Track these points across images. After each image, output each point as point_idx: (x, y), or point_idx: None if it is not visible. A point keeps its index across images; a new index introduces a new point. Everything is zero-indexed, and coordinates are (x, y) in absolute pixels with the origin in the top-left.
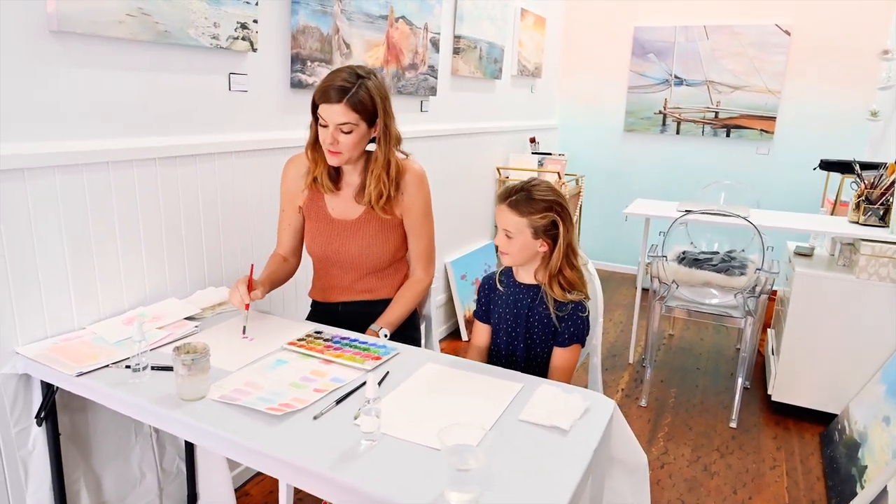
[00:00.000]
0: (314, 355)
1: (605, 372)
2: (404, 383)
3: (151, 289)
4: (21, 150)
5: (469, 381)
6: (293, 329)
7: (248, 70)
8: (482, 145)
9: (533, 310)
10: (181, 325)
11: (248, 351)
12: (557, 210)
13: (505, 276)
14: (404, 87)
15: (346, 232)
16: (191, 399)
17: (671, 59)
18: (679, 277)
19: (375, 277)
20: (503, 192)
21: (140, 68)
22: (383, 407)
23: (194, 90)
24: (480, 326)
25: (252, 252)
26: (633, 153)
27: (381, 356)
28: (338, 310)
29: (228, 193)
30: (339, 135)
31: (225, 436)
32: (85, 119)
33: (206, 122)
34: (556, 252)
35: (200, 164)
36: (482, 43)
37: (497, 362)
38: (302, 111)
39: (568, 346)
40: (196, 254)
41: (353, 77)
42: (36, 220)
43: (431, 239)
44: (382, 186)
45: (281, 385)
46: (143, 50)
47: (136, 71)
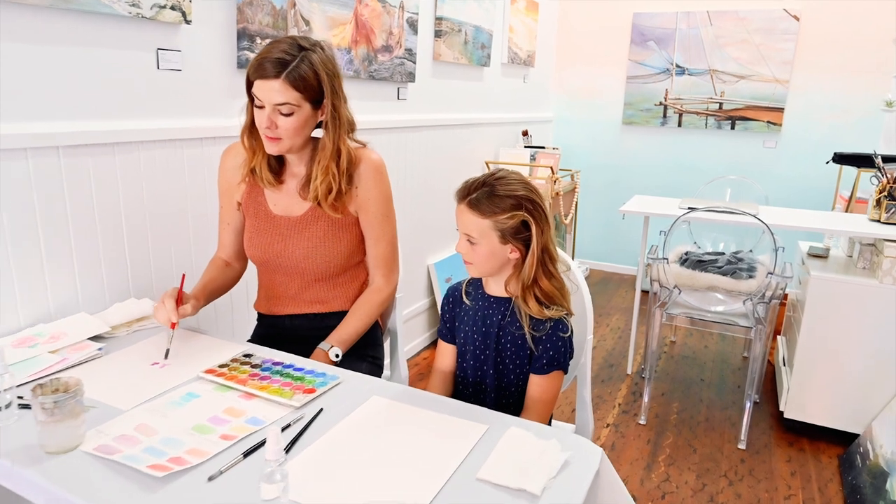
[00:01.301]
0: (234, 387)
1: (601, 384)
2: (339, 424)
3: (58, 302)
4: None
5: (421, 420)
6: (223, 351)
7: (181, 46)
8: (469, 138)
9: (504, 328)
10: (81, 347)
11: (155, 382)
12: (528, 207)
13: (472, 286)
14: (377, 72)
15: (288, 232)
16: (56, 451)
17: (672, 46)
18: (681, 281)
19: (326, 286)
20: (462, 188)
21: (37, 40)
22: (305, 459)
23: (111, 68)
24: (444, 347)
25: (190, 257)
26: (632, 147)
27: (317, 388)
28: (285, 324)
29: (159, 189)
30: (277, 117)
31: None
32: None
33: (127, 105)
34: (528, 259)
35: (120, 154)
36: (467, 26)
37: (464, 391)
38: None
39: (546, 372)
40: (116, 260)
41: (294, 49)
42: None
43: (392, 241)
44: (332, 179)
45: (181, 430)
46: (42, 17)
47: (30, 43)
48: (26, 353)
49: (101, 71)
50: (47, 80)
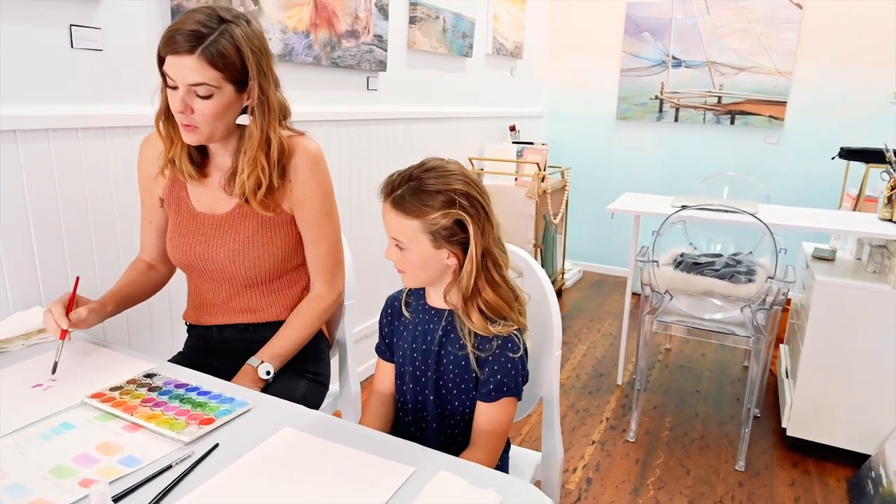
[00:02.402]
0: (120, 415)
1: (588, 396)
2: (233, 465)
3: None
4: None
5: (335, 458)
6: (125, 368)
7: (100, 23)
8: (451, 133)
9: (445, 346)
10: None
11: (29, 409)
12: (463, 204)
13: (414, 296)
14: (341, 59)
15: (212, 232)
16: None
17: (668, 37)
18: (674, 285)
19: (258, 293)
20: (385, 183)
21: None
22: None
23: (13, 44)
24: (382, 366)
25: (116, 258)
26: (626, 143)
27: (217, 417)
28: (213, 336)
29: (77, 182)
30: (193, 100)
31: None
32: None
33: (33, 88)
34: (465, 266)
35: (24, 142)
36: (446, 13)
37: (404, 418)
38: None
39: (493, 399)
40: (21, 262)
41: (212, 20)
42: None
43: (335, 242)
44: (260, 172)
45: (35, 473)
46: None
47: None
48: None
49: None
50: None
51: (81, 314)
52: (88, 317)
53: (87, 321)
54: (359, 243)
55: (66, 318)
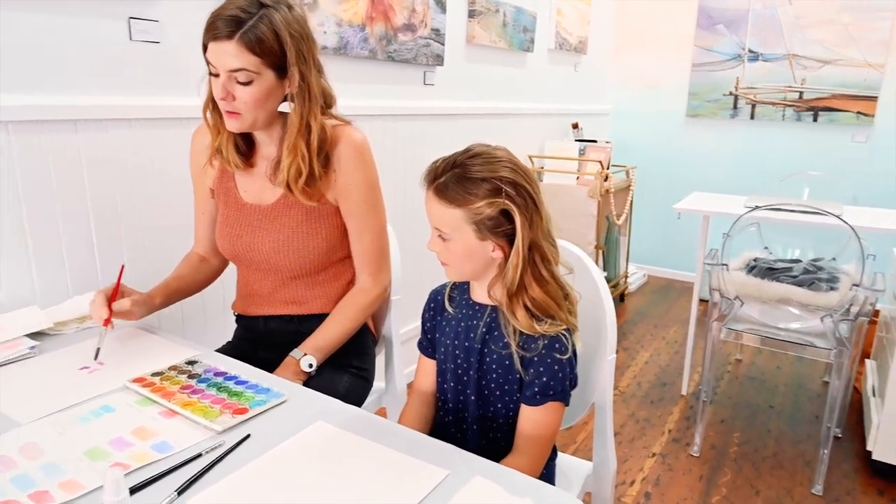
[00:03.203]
0: (158, 401)
1: (650, 405)
2: (262, 456)
3: (10, 292)
4: None
5: (368, 456)
6: (169, 354)
7: (158, 15)
8: (510, 129)
9: (488, 344)
10: (14, 345)
11: (74, 391)
12: (509, 193)
13: (458, 290)
14: (397, 53)
15: (258, 222)
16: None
17: (745, 30)
18: (746, 291)
19: (304, 285)
20: (428, 170)
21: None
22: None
23: (73, 37)
24: (424, 363)
25: (170, 247)
26: (696, 141)
27: (251, 407)
28: (259, 326)
29: (133, 172)
30: (234, 86)
31: None
32: None
33: (92, 79)
34: (511, 259)
35: (84, 132)
36: (507, 7)
37: (445, 418)
38: None
39: (538, 403)
40: (81, 249)
41: (252, 5)
42: None
43: (380, 234)
44: (300, 160)
45: (70, 454)
46: None
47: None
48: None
49: (61, 39)
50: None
51: (125, 305)
52: (133, 308)
53: (132, 312)
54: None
55: (106, 308)
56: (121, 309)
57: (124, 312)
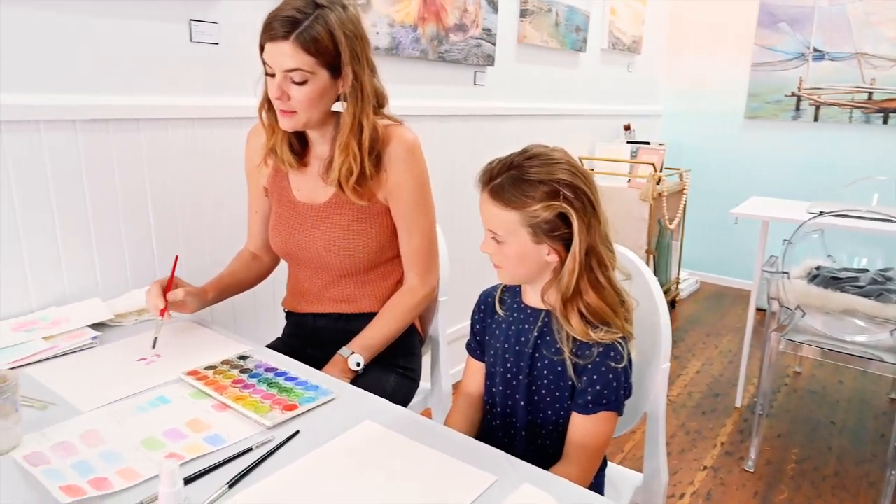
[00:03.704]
0: (211, 394)
1: (701, 416)
2: (311, 454)
3: (74, 285)
4: None
5: (415, 458)
6: (221, 349)
7: (218, 17)
8: (560, 130)
9: (540, 350)
10: (77, 335)
11: (131, 381)
12: (567, 196)
13: (509, 293)
14: (448, 53)
15: (311, 221)
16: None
17: (810, 27)
18: (808, 301)
19: (354, 283)
20: (483, 171)
21: (53, 7)
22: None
23: (137, 39)
24: (472, 365)
25: (224, 245)
26: (756, 144)
27: (300, 404)
28: (309, 323)
29: (191, 170)
30: (289, 86)
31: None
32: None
33: (154, 79)
34: (567, 264)
35: (146, 130)
36: (559, 6)
37: (492, 422)
38: None
39: (591, 412)
40: (141, 244)
41: (308, 6)
42: None
43: (429, 235)
44: (352, 159)
45: (128, 442)
46: None
47: (45, 10)
48: (20, 337)
49: (126, 42)
50: (62, 49)
51: (178, 295)
52: (187, 300)
53: (186, 305)
54: (459, 241)
55: (162, 298)
56: (175, 299)
57: (178, 303)
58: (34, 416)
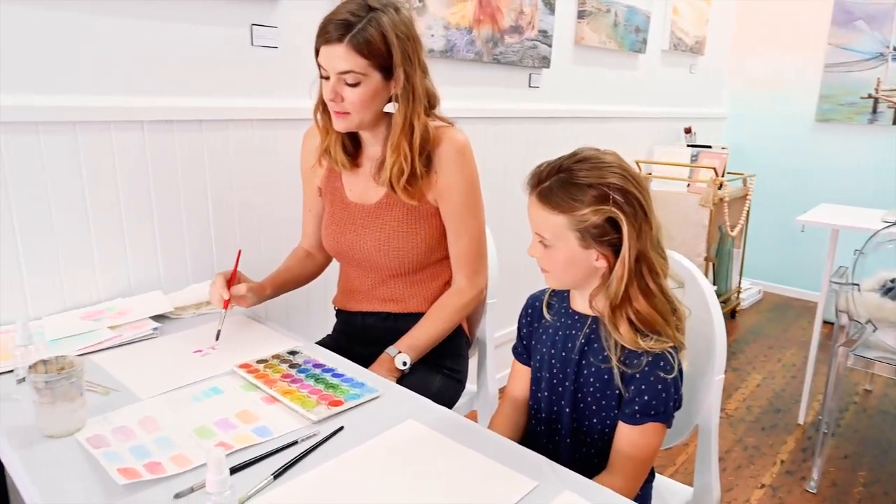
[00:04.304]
0: (261, 387)
1: (760, 432)
2: (354, 449)
3: (138, 278)
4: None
5: (456, 459)
6: (273, 344)
7: (277, 21)
8: (617, 133)
9: (587, 356)
10: (139, 325)
11: (187, 371)
12: (617, 200)
13: (557, 297)
14: (503, 55)
15: (362, 220)
16: (52, 435)
17: (889, 26)
18: (881, 315)
19: (401, 284)
20: (532, 174)
21: (123, 13)
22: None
23: (201, 43)
24: (518, 369)
25: (279, 243)
26: (827, 149)
27: (346, 400)
28: (357, 322)
29: (249, 170)
30: (343, 88)
31: (32, 501)
32: (45, 69)
33: (217, 82)
34: (616, 270)
35: (208, 131)
36: (619, 6)
37: (536, 427)
38: None
39: (638, 423)
40: (200, 240)
41: (362, 9)
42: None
43: (478, 237)
44: (403, 159)
45: (182, 430)
46: None
47: (115, 16)
48: (88, 325)
49: (191, 46)
50: (132, 53)
51: (241, 290)
52: (248, 294)
53: (246, 298)
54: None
55: (226, 290)
56: (238, 293)
57: (239, 297)
58: (98, 401)
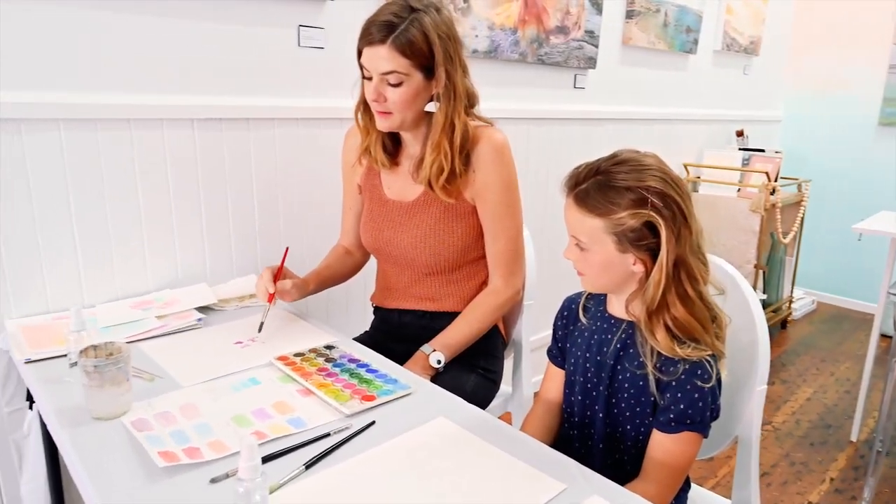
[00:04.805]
0: (297, 379)
1: (809, 447)
2: (385, 444)
3: (186, 270)
4: (21, 99)
5: (484, 458)
6: (310, 338)
7: (324, 23)
8: (664, 136)
9: (622, 362)
10: (185, 316)
11: (227, 362)
12: (656, 204)
13: (593, 300)
14: (548, 56)
15: (399, 218)
16: (100, 417)
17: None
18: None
19: (439, 282)
20: (569, 176)
21: (175, 14)
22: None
23: (250, 43)
24: (552, 371)
25: (321, 240)
26: (890, 153)
27: (378, 396)
28: (394, 319)
29: (294, 167)
30: (385, 88)
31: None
32: (103, 68)
33: (264, 81)
34: (653, 275)
35: (255, 129)
36: (668, 6)
37: (569, 431)
38: None
39: (673, 431)
40: (245, 236)
41: (404, 10)
42: (35, 180)
43: (515, 237)
44: (443, 157)
45: (220, 418)
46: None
47: (168, 17)
48: (137, 314)
49: (240, 47)
50: (184, 54)
51: (286, 285)
52: (292, 290)
53: (290, 293)
54: (547, 245)
55: (273, 284)
56: (283, 289)
57: (283, 292)
58: (143, 387)
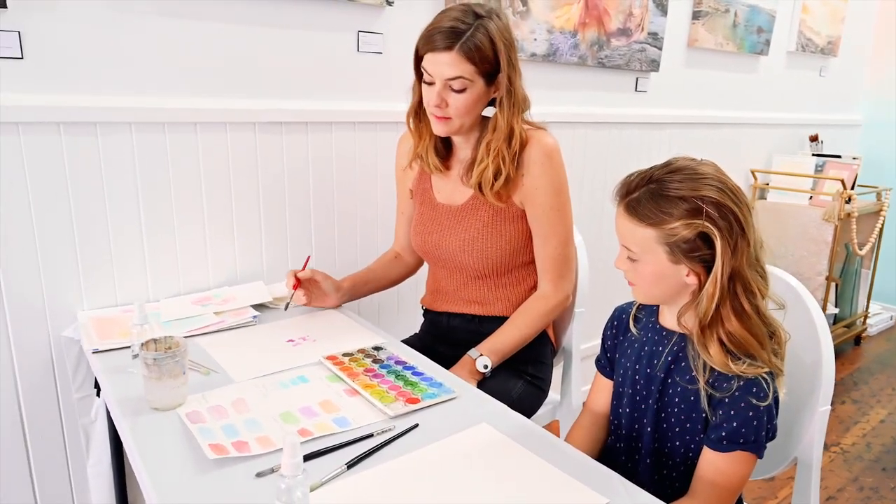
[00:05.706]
0: (344, 379)
1: (880, 472)
2: (427, 447)
3: (244, 269)
4: (97, 104)
5: (527, 468)
6: (359, 339)
7: (382, 28)
8: (731, 141)
9: (672, 375)
10: (241, 312)
11: (278, 359)
12: (711, 214)
13: (645, 311)
14: (608, 59)
15: (448, 221)
16: (157, 408)
17: None
18: None
19: (486, 286)
20: (621, 184)
21: (238, 21)
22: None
23: (310, 49)
24: (600, 382)
25: (375, 244)
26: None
27: (423, 399)
28: (443, 322)
29: (351, 171)
30: (448, 94)
31: (136, 465)
32: (172, 72)
33: (325, 86)
34: (706, 287)
35: (313, 133)
36: (738, 6)
37: (616, 444)
38: None
39: (724, 450)
40: (300, 237)
41: (468, 16)
42: (108, 180)
43: (564, 241)
44: (501, 162)
45: (268, 413)
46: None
47: (231, 24)
48: (197, 310)
49: (301, 52)
50: (247, 59)
51: (307, 273)
52: (315, 276)
53: (324, 294)
54: (603, 253)
55: (294, 277)
56: (304, 276)
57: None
58: (198, 380)
